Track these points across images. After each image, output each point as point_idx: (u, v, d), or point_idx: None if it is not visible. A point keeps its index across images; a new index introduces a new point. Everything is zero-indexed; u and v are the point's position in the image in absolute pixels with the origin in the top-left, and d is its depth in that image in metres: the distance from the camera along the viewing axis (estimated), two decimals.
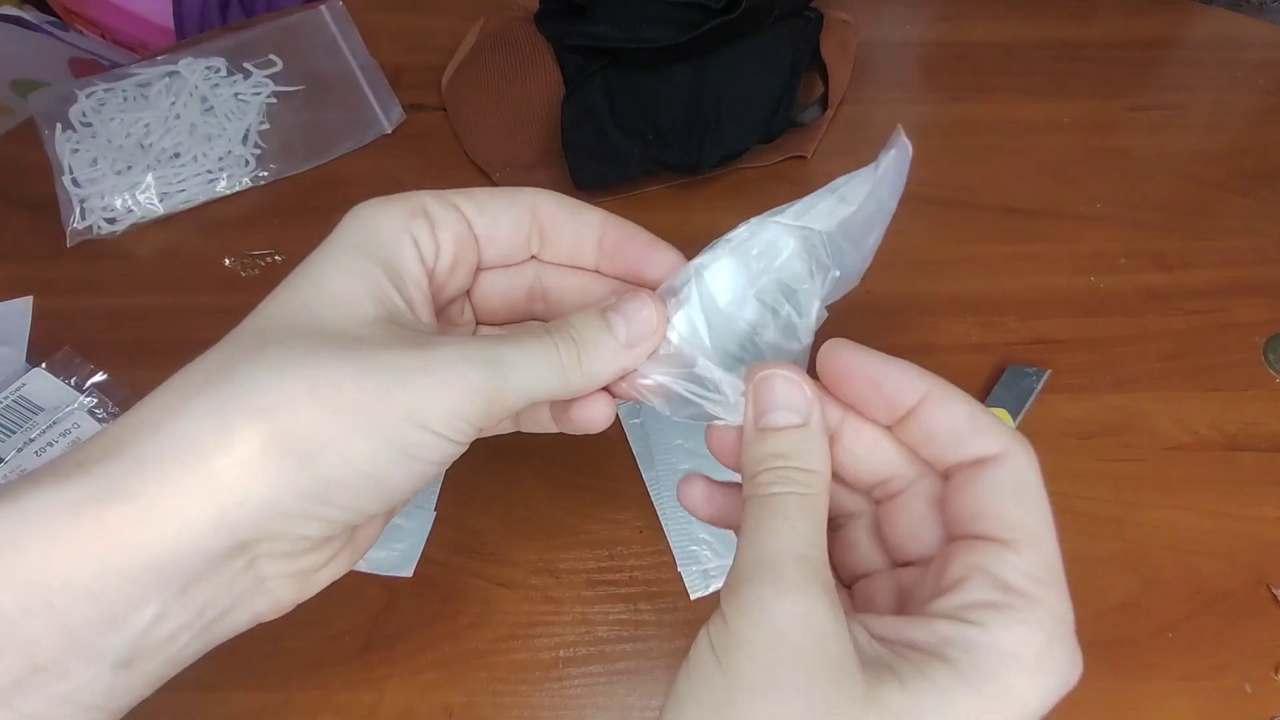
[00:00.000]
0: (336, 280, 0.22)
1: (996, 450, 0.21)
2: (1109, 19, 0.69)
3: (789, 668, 0.18)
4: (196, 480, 0.18)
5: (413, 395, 0.20)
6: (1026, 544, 0.20)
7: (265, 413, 0.19)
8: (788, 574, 0.19)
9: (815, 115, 0.62)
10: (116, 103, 0.61)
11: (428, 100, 0.64)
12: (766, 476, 0.21)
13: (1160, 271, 0.54)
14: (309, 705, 0.40)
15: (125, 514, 0.18)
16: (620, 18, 0.54)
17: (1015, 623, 0.19)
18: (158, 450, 0.19)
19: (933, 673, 0.18)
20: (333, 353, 0.20)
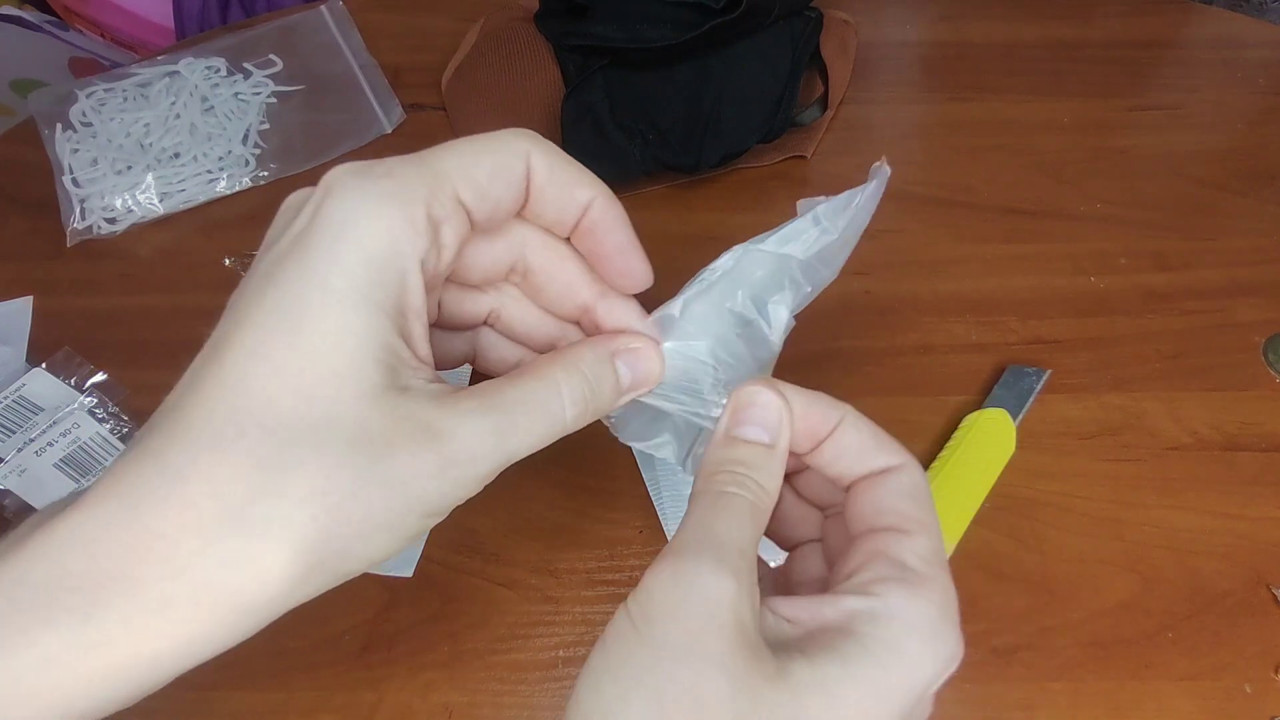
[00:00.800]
0: (341, 350, 0.19)
1: (898, 462, 0.23)
2: (1109, 19, 0.69)
3: (715, 639, 0.19)
4: (227, 613, 0.19)
5: (429, 501, 0.20)
6: (920, 533, 0.22)
7: (301, 554, 0.18)
8: (728, 558, 0.20)
9: (815, 115, 0.62)
10: (116, 103, 0.61)
11: (428, 100, 0.64)
12: (724, 478, 0.22)
13: (1160, 271, 0.54)
14: (309, 705, 0.40)
15: (158, 648, 0.18)
16: (620, 17, 0.54)
17: (911, 595, 0.21)
18: (189, 593, 0.18)
19: (838, 644, 0.20)
20: (354, 474, 0.19)
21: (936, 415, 0.47)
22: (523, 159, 0.22)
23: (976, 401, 0.47)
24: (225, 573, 0.18)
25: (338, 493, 0.18)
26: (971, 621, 0.41)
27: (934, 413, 0.47)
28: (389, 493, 0.19)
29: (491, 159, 0.22)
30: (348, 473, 0.18)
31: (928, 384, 0.49)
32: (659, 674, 0.19)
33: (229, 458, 0.18)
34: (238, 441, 0.18)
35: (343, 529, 0.19)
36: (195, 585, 0.18)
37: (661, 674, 0.19)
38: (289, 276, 0.19)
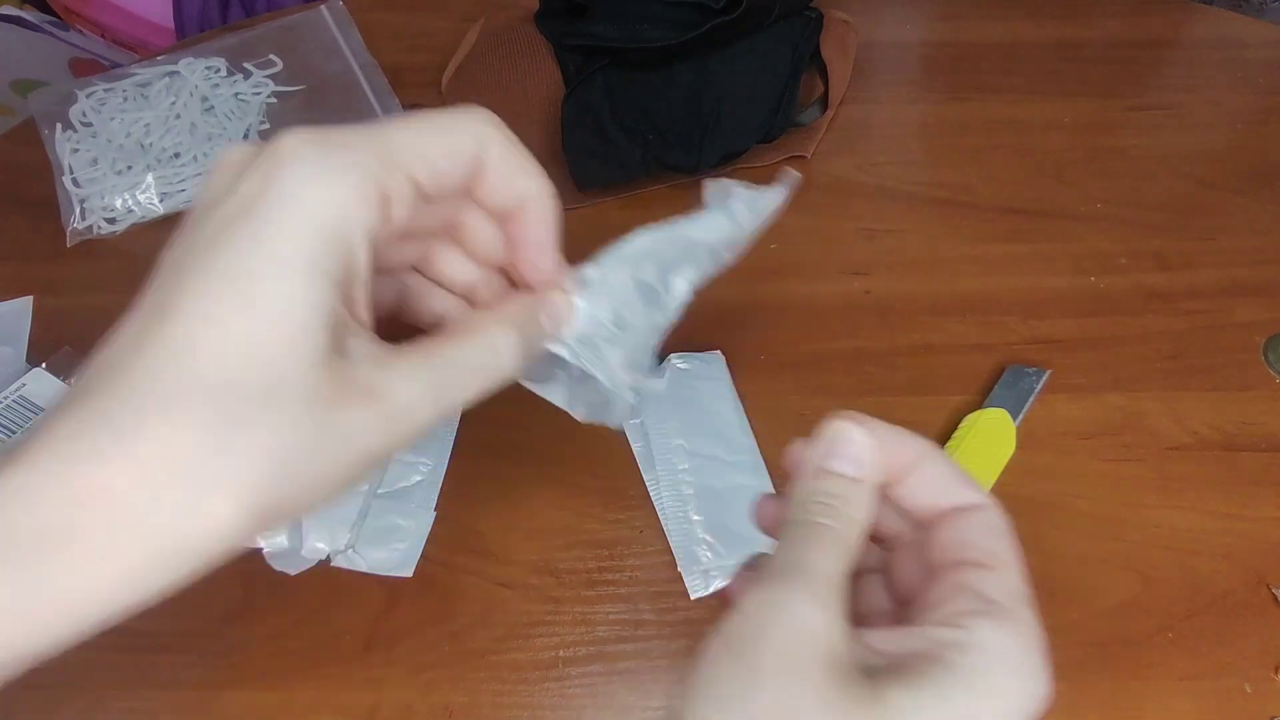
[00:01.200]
0: (290, 317, 0.19)
1: (979, 501, 0.25)
2: (1109, 19, 0.69)
3: (808, 663, 0.19)
4: (170, 555, 0.19)
5: (373, 450, 0.21)
6: (1003, 568, 0.22)
7: (248, 504, 0.19)
8: (818, 585, 0.21)
9: (815, 115, 0.62)
10: (116, 103, 0.61)
11: (428, 100, 0.64)
12: (816, 508, 0.23)
13: (1160, 271, 0.54)
14: (309, 705, 0.40)
15: (94, 587, 0.18)
16: (620, 17, 0.54)
17: (997, 627, 0.21)
18: (137, 541, 0.18)
19: (930, 672, 0.20)
20: (301, 432, 0.19)
21: (936, 415, 0.47)
22: (477, 143, 0.23)
23: (976, 401, 0.47)
24: (174, 518, 0.18)
25: (286, 449, 0.19)
26: None
27: (934, 413, 0.47)
28: (335, 448, 0.20)
29: (447, 140, 0.22)
30: (297, 431, 0.19)
31: (928, 384, 0.49)
32: (755, 693, 0.19)
33: (178, 417, 0.18)
34: (186, 402, 0.19)
35: (291, 483, 0.19)
36: (142, 532, 0.18)
37: (757, 693, 0.19)
38: (239, 244, 0.20)
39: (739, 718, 0.19)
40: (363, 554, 0.43)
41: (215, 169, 0.22)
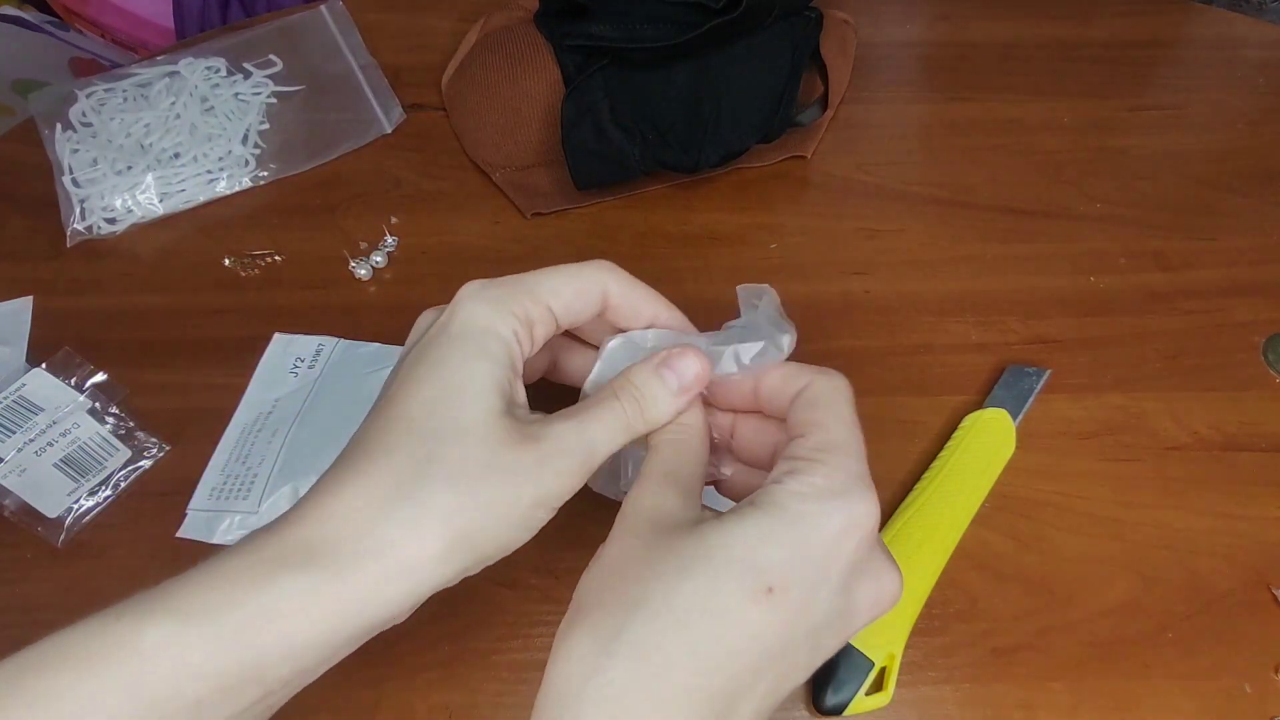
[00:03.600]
0: (470, 383, 0.27)
1: (803, 383, 0.29)
2: (1109, 19, 0.69)
3: (645, 526, 0.27)
4: (400, 574, 0.25)
5: (538, 490, 0.27)
6: (810, 433, 0.27)
7: (446, 523, 0.25)
8: (651, 482, 0.29)
9: (815, 115, 0.62)
10: (116, 103, 0.61)
11: (428, 100, 0.64)
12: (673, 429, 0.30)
13: (1160, 271, 0.54)
14: (309, 705, 0.39)
15: (354, 597, 0.25)
16: (620, 17, 0.54)
17: (799, 475, 0.26)
18: (373, 552, 0.25)
19: (741, 509, 0.26)
20: (479, 464, 0.26)
21: (936, 415, 0.47)
22: (601, 286, 0.31)
23: (976, 401, 0.47)
24: (396, 533, 0.25)
25: (469, 477, 0.26)
26: (971, 621, 0.41)
27: (934, 413, 0.47)
28: (504, 479, 0.26)
29: (576, 285, 0.30)
30: (473, 464, 0.26)
31: (928, 384, 0.49)
32: (614, 549, 0.28)
33: (396, 455, 0.26)
34: (402, 444, 0.26)
35: (472, 506, 0.26)
36: (378, 543, 0.25)
37: (615, 550, 0.28)
38: (436, 349, 0.28)
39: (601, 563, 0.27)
40: None
41: (416, 323, 0.31)
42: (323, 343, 0.50)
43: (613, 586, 0.26)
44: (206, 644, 0.23)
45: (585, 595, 0.26)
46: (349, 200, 0.59)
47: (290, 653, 0.24)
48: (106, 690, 0.22)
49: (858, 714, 0.37)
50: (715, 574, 0.24)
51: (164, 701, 0.22)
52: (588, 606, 0.25)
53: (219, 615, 0.23)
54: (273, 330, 0.51)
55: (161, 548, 0.43)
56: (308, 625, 0.24)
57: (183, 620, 0.23)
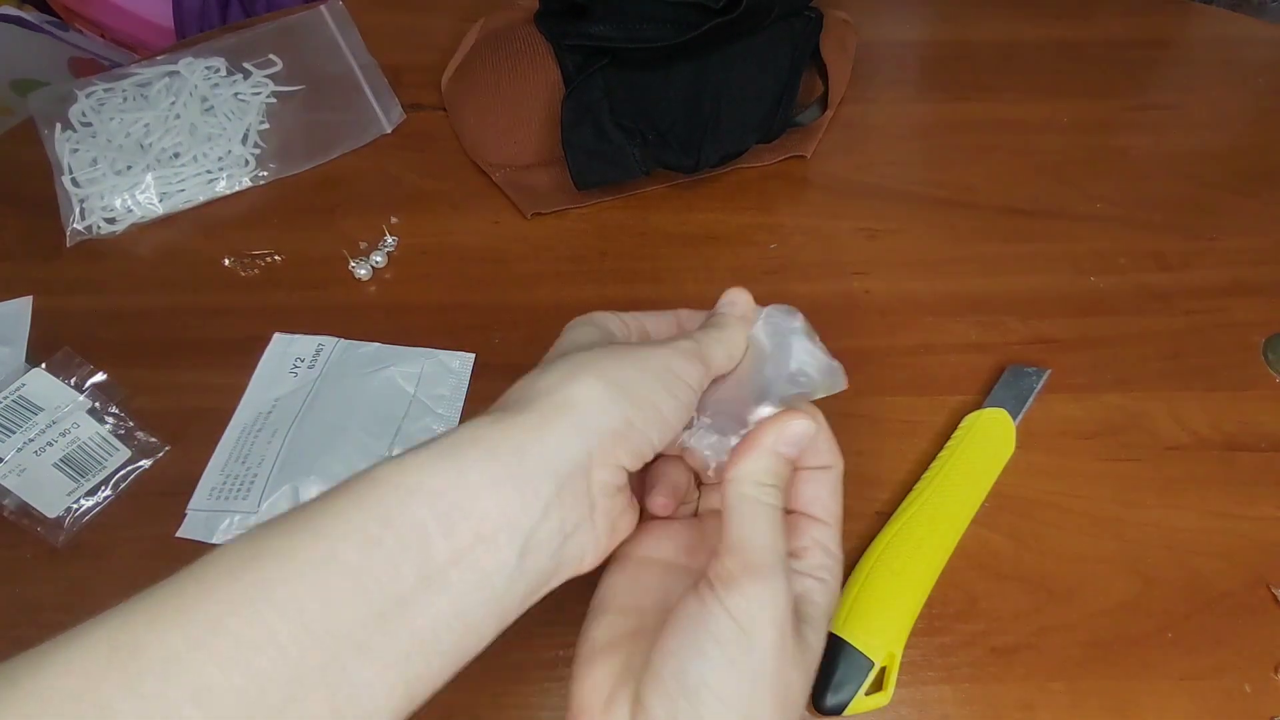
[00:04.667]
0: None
1: (829, 462, 0.31)
2: (1109, 19, 0.69)
3: (791, 637, 0.26)
4: (565, 406, 0.27)
5: (668, 356, 0.29)
6: (836, 525, 0.30)
7: (600, 371, 0.27)
8: (786, 567, 0.27)
9: (815, 115, 0.62)
10: (116, 103, 0.61)
11: (428, 100, 0.64)
12: (772, 494, 0.28)
13: (1160, 271, 0.54)
14: None
15: (527, 426, 0.26)
16: (620, 17, 0.54)
17: (833, 575, 0.29)
18: (536, 394, 0.27)
19: (814, 614, 0.28)
20: (621, 346, 0.29)
21: (936, 415, 0.47)
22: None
23: (976, 401, 0.47)
24: (554, 379, 0.27)
25: (612, 349, 0.29)
26: (971, 621, 0.41)
27: (934, 413, 0.47)
28: (641, 348, 0.29)
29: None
30: (627, 349, 0.29)
31: (928, 384, 0.49)
32: (771, 672, 0.26)
33: (546, 363, 0.29)
34: (570, 351, 0.29)
35: (622, 361, 0.28)
36: (541, 389, 0.27)
37: (772, 672, 0.26)
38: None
39: (760, 688, 0.26)
40: None
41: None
42: (323, 343, 0.50)
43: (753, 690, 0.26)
44: (421, 470, 0.25)
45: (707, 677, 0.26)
46: (349, 200, 0.59)
47: (488, 483, 0.25)
48: (353, 509, 0.24)
49: (858, 714, 0.37)
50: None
51: (392, 514, 0.24)
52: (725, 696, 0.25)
53: (430, 456, 0.25)
54: (272, 330, 0.51)
55: (161, 548, 0.43)
56: (492, 460, 0.25)
57: (405, 458, 0.25)
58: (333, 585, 0.22)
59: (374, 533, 0.23)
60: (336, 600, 0.22)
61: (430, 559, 0.24)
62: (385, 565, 0.23)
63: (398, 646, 0.23)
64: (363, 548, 0.23)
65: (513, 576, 0.26)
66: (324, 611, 0.22)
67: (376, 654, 0.23)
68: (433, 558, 0.24)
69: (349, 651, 0.22)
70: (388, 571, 0.23)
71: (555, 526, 0.26)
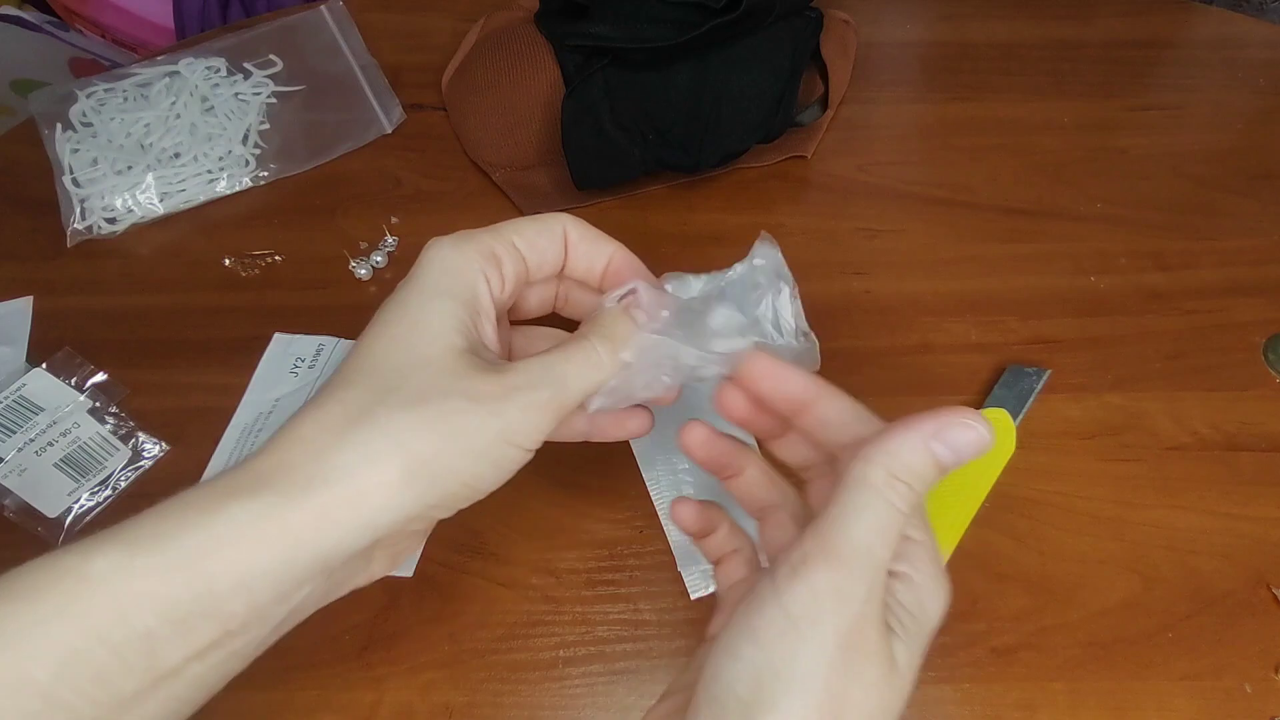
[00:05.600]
0: (430, 321, 0.27)
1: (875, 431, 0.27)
2: (1109, 19, 0.69)
3: (861, 651, 0.23)
4: (353, 500, 0.24)
5: (503, 421, 0.26)
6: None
7: (402, 448, 0.24)
8: (883, 577, 0.24)
9: (815, 115, 0.62)
10: (116, 103, 0.61)
11: (428, 100, 0.64)
12: (903, 490, 0.24)
13: (1160, 271, 0.54)
14: (309, 705, 0.40)
15: (304, 523, 0.24)
16: (620, 17, 0.54)
17: (920, 563, 0.25)
18: (323, 476, 0.24)
19: (905, 621, 0.25)
20: (438, 391, 0.25)
21: None
22: (559, 225, 0.31)
23: (976, 401, 0.47)
24: (349, 458, 0.24)
25: (428, 405, 0.25)
26: (971, 621, 0.41)
27: None
28: (466, 406, 0.25)
29: (537, 225, 0.30)
30: (432, 391, 0.25)
31: (928, 384, 0.49)
32: (820, 682, 0.22)
33: (353, 387, 0.26)
34: (362, 379, 0.26)
35: (431, 433, 0.25)
36: (329, 468, 0.24)
37: (822, 683, 0.22)
38: (399, 293, 0.28)
39: (798, 698, 0.22)
40: None
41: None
42: (323, 343, 0.50)
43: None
44: (154, 571, 0.22)
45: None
46: (349, 200, 0.59)
47: (241, 582, 0.23)
48: (51, 618, 0.21)
49: None
50: (903, 704, 0.24)
51: (111, 629, 0.21)
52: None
53: (167, 542, 0.23)
54: (273, 330, 0.51)
55: None
56: (256, 552, 0.23)
57: (130, 548, 0.22)
58: (25, 709, 0.20)
59: (78, 647, 0.21)
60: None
61: (157, 664, 0.22)
62: (94, 684, 0.21)
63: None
64: (62, 667, 0.21)
65: (263, 644, 0.25)
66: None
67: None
68: (160, 663, 0.22)
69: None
70: (98, 689, 0.21)
71: (319, 595, 0.25)
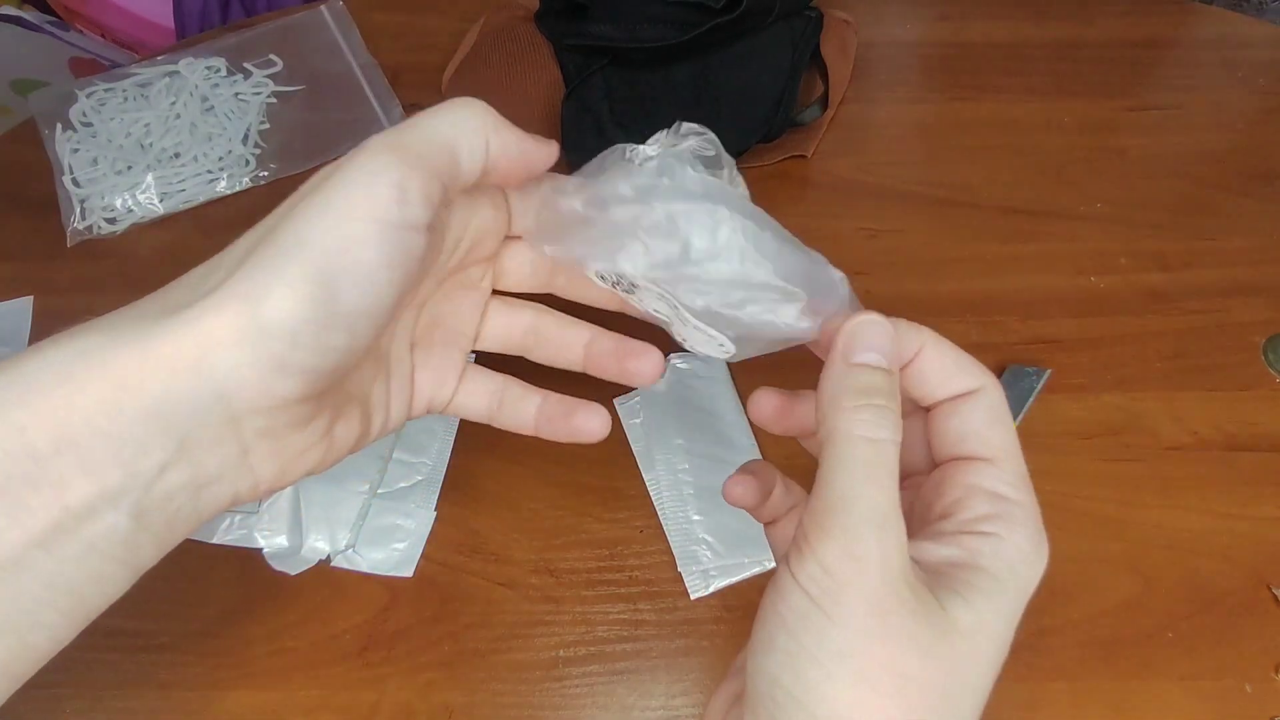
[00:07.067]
0: (358, 190, 0.22)
1: (977, 385, 0.25)
2: (1109, 19, 0.69)
3: (898, 613, 0.20)
4: (191, 325, 0.20)
5: (395, 192, 0.22)
6: (1005, 459, 0.23)
7: (305, 265, 0.21)
8: (891, 523, 0.21)
9: (815, 115, 0.62)
10: (116, 103, 0.61)
11: (428, 100, 0.63)
12: (869, 414, 0.22)
13: (1160, 271, 0.54)
14: (309, 705, 0.40)
15: (128, 360, 0.20)
16: (620, 17, 0.54)
17: (1016, 525, 0.22)
18: (166, 308, 0.21)
19: (981, 583, 0.21)
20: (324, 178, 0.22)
21: None
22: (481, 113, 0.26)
23: None
24: (243, 285, 0.21)
25: (332, 238, 0.21)
26: None
27: None
28: (365, 178, 0.22)
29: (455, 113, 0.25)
30: (330, 221, 0.22)
31: None
32: (860, 656, 0.20)
33: (254, 232, 0.23)
34: (264, 231, 0.22)
35: (322, 231, 0.21)
36: (220, 295, 0.20)
37: (862, 655, 0.20)
38: (335, 171, 0.23)
39: (847, 678, 0.20)
40: (363, 554, 0.43)
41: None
42: None
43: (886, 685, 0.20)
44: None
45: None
46: None
47: (63, 436, 0.19)
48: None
49: None
50: (986, 679, 0.22)
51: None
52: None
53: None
54: None
55: None
56: (73, 397, 0.19)
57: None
58: None
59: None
60: None
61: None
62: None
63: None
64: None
65: (130, 540, 0.20)
66: None
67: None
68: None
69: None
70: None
71: (179, 482, 0.21)
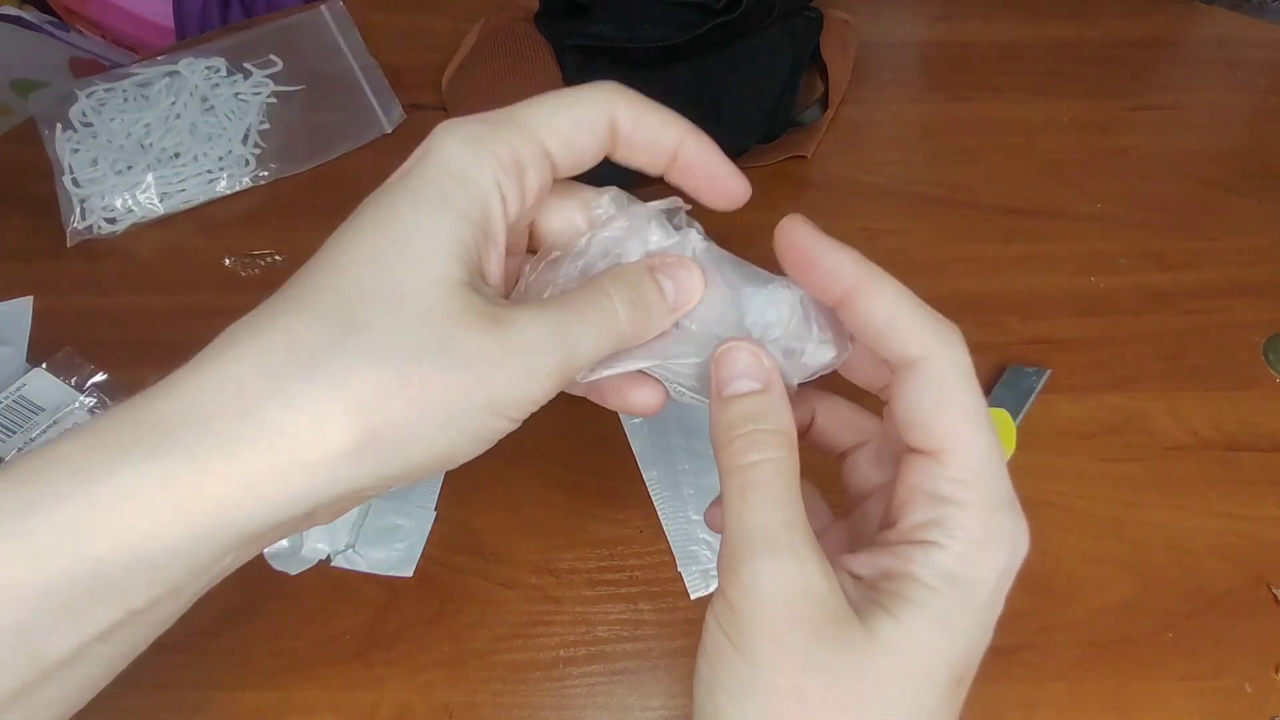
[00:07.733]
0: (423, 240, 0.20)
1: (915, 354, 0.21)
2: (1109, 19, 0.69)
3: (796, 634, 0.19)
4: (289, 471, 0.19)
5: (493, 390, 0.20)
6: (953, 450, 0.20)
7: (360, 412, 0.19)
8: (778, 543, 0.20)
9: (815, 115, 0.62)
10: (116, 103, 0.61)
11: (428, 100, 0.64)
12: (739, 444, 0.21)
13: (1160, 271, 0.54)
14: (309, 705, 0.40)
15: (223, 494, 0.18)
16: (621, 17, 0.54)
17: (956, 528, 0.20)
18: (252, 438, 0.19)
19: (912, 594, 0.20)
20: (419, 343, 0.19)
21: None
22: (607, 111, 0.24)
23: None
24: (287, 416, 0.19)
25: (398, 357, 0.19)
26: None
27: None
28: (449, 367, 0.20)
29: (578, 111, 0.23)
30: (411, 341, 0.19)
31: None
32: (764, 686, 0.19)
33: (306, 315, 0.20)
34: (316, 300, 0.20)
35: (401, 397, 0.19)
36: (259, 426, 0.19)
37: (762, 684, 0.19)
38: (390, 193, 0.21)
39: (756, 709, 0.19)
40: (363, 554, 0.43)
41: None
42: None
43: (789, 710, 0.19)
44: (14, 558, 0.17)
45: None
46: (349, 200, 0.58)
47: (139, 561, 0.18)
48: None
49: None
50: (917, 694, 0.20)
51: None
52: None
53: (31, 519, 0.18)
54: None
55: None
56: (158, 528, 0.18)
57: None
58: None
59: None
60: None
61: (42, 656, 0.18)
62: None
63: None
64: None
65: (188, 605, 0.20)
66: None
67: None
68: (46, 654, 0.18)
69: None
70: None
71: (244, 559, 0.21)
